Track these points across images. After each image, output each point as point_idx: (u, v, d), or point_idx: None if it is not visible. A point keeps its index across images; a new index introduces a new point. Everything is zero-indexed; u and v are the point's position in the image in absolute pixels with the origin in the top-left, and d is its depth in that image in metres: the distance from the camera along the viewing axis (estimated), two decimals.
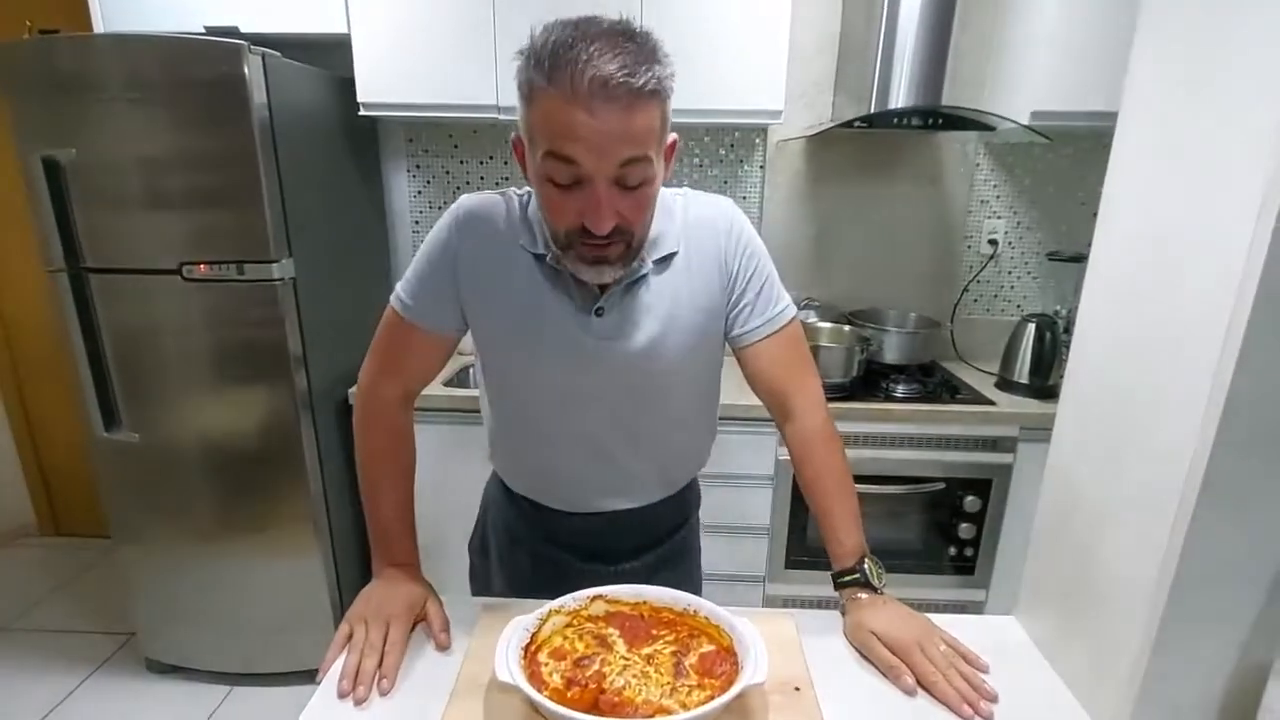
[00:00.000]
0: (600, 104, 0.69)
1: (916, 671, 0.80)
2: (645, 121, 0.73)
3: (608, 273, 0.84)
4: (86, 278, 1.71)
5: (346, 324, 2.06)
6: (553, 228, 0.82)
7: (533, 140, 0.76)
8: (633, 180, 0.76)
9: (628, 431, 0.97)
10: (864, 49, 1.97)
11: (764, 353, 0.96)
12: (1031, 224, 2.26)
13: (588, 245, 0.80)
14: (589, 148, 0.72)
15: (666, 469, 1.05)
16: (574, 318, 0.90)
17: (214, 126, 1.61)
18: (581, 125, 0.70)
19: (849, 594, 0.90)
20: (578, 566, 1.05)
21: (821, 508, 0.95)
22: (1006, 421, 1.86)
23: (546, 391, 0.95)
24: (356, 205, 2.15)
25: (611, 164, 0.73)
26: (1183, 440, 0.65)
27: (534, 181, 0.80)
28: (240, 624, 1.97)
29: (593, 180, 0.74)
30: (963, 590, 2.00)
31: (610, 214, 0.76)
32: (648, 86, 0.71)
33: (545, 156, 0.75)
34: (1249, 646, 0.68)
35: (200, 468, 1.84)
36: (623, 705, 0.69)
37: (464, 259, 0.91)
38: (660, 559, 1.09)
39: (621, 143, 0.72)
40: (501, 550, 1.13)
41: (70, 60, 1.59)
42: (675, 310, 0.92)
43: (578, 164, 0.73)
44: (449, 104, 1.91)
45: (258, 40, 1.62)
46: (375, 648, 0.82)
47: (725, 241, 0.94)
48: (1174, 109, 0.70)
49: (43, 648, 2.19)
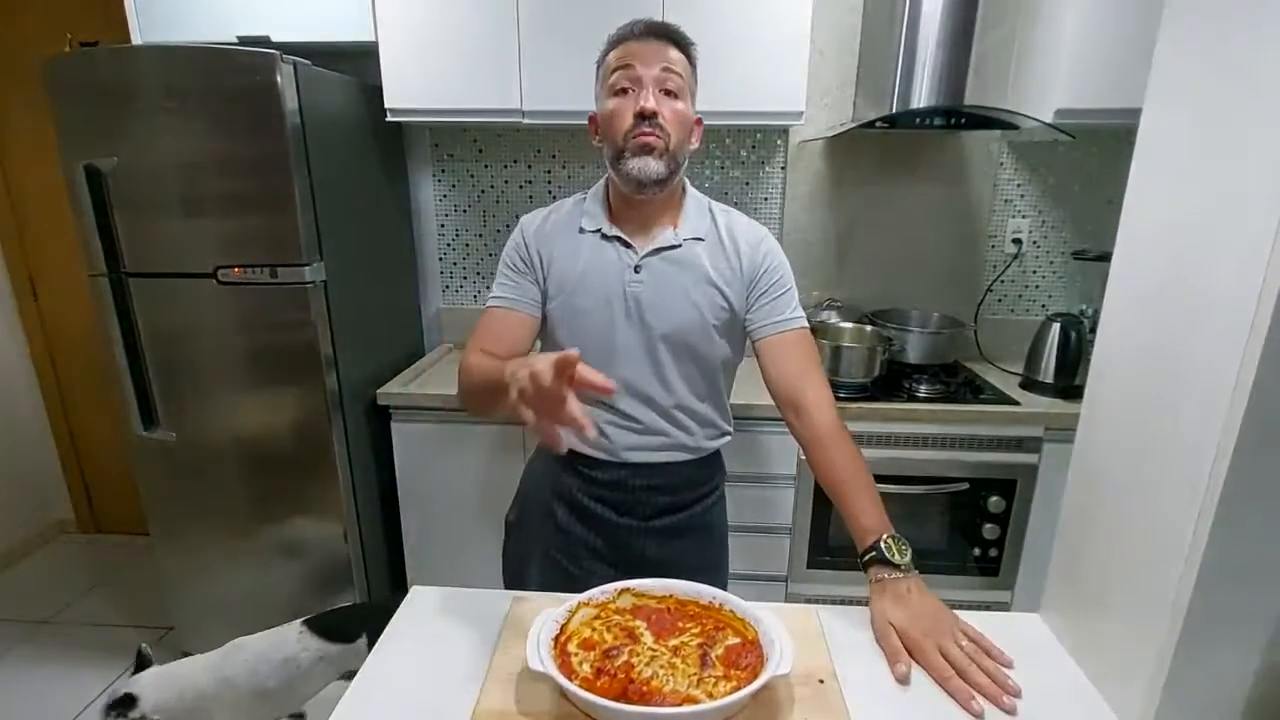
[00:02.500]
0: (647, 38, 1.05)
1: (929, 670, 0.82)
2: (677, 56, 1.06)
3: (652, 162, 1.04)
4: (126, 282, 1.76)
5: (375, 326, 2.11)
6: (614, 136, 1.06)
7: (604, 79, 1.08)
8: (670, 85, 1.05)
9: (655, 386, 1.13)
10: (885, 49, 1.97)
11: (778, 348, 1.11)
12: (1056, 223, 2.24)
13: (638, 135, 1.04)
14: (640, 58, 1.04)
15: (685, 431, 1.17)
16: (620, 274, 1.11)
17: (248, 133, 1.66)
18: (636, 47, 1.05)
19: (873, 573, 0.92)
20: (612, 520, 1.19)
21: (840, 493, 1.00)
22: (1031, 422, 1.85)
23: (594, 342, 1.11)
24: (384, 209, 2.20)
25: (655, 68, 1.04)
26: (1207, 438, 0.65)
27: (602, 109, 1.09)
28: (273, 619, 1.99)
29: (641, 81, 1.04)
30: (987, 591, 1.99)
31: (654, 100, 1.03)
32: (681, 38, 1.07)
33: (612, 72, 1.06)
34: (1274, 645, 0.68)
35: (235, 466, 1.89)
36: (651, 695, 0.71)
37: (533, 245, 1.15)
38: (684, 523, 1.21)
39: (661, 58, 1.04)
40: (543, 510, 1.24)
41: (112, 71, 1.65)
42: (696, 281, 1.11)
43: (631, 67, 1.04)
44: (474, 109, 1.94)
45: (288, 49, 1.67)
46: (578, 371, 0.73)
47: (754, 249, 1.14)
48: (1198, 105, 0.70)
49: (83, 642, 2.26)
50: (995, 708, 0.77)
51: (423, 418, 1.96)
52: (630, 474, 1.16)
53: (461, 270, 2.43)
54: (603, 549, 1.20)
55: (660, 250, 1.11)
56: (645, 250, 1.11)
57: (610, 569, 1.19)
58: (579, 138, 2.27)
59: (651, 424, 1.14)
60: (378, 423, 2.01)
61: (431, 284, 2.45)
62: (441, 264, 2.43)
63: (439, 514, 2.04)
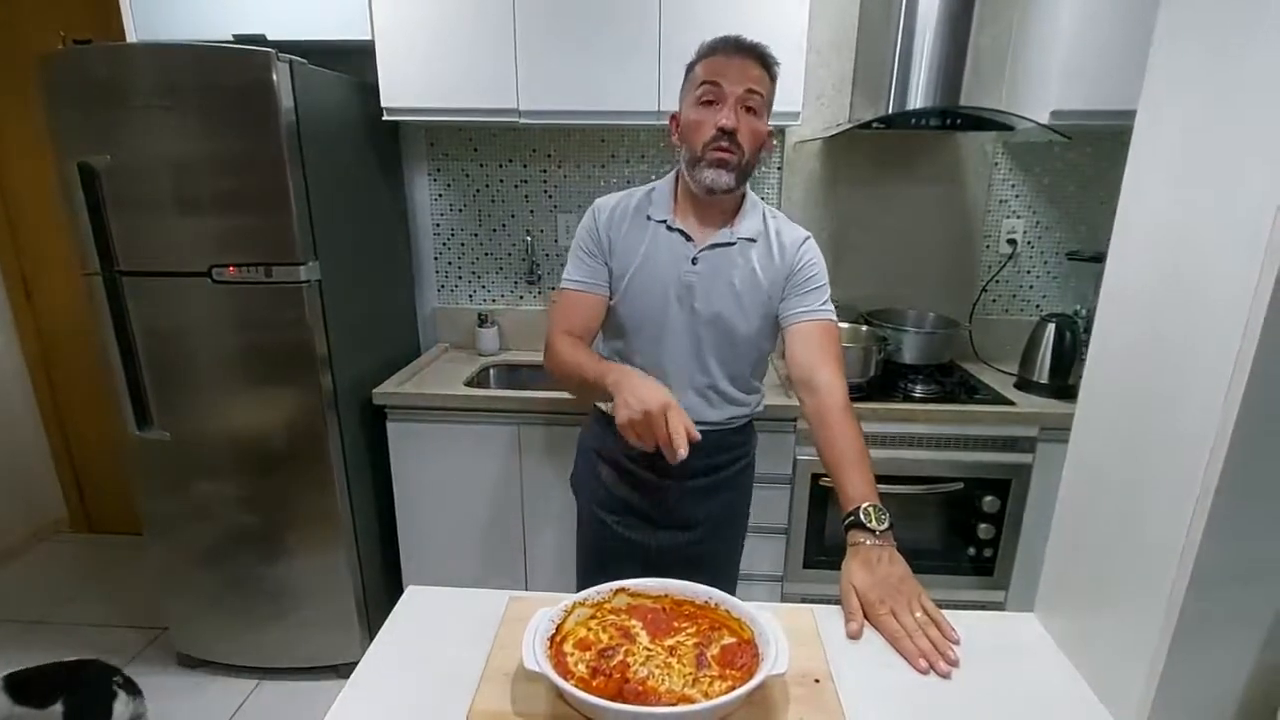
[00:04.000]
0: (736, 55, 1.14)
1: (879, 628, 0.90)
2: (762, 75, 1.15)
3: (724, 175, 1.16)
4: (120, 280, 1.75)
5: (371, 326, 2.10)
6: (694, 145, 1.17)
7: (691, 87, 1.18)
8: (751, 104, 1.14)
9: (693, 364, 1.27)
10: (882, 49, 1.97)
11: (803, 334, 1.22)
12: (1051, 223, 2.25)
13: (716, 149, 1.14)
14: (728, 76, 1.13)
15: (719, 406, 1.30)
16: (678, 263, 1.23)
17: (243, 132, 1.65)
18: (726, 62, 1.14)
19: (851, 536, 0.98)
20: (654, 482, 1.33)
21: (834, 463, 1.08)
22: (1026, 422, 1.86)
23: (651, 324, 1.26)
24: (380, 209, 2.19)
25: (740, 87, 1.13)
26: (1203, 437, 0.65)
27: (686, 117, 1.19)
28: (269, 619, 2.01)
29: (725, 98, 1.13)
30: (982, 591, 2.00)
31: (735, 116, 1.13)
32: (766, 57, 1.16)
33: (699, 85, 1.15)
34: (1269, 644, 0.68)
35: (229, 466, 1.88)
36: (646, 694, 0.71)
37: (604, 229, 1.27)
38: (719, 483, 1.36)
39: (747, 77, 1.13)
40: (591, 470, 1.40)
41: (106, 69, 1.64)
42: (746, 276, 1.23)
43: (718, 83, 1.13)
44: (470, 108, 1.94)
45: (284, 47, 1.66)
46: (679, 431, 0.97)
47: (797, 250, 1.26)
48: (1193, 106, 0.70)
49: (76, 642, 2.24)
50: (946, 676, 0.83)
51: (418, 417, 1.95)
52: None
53: (457, 270, 2.42)
54: (640, 505, 1.35)
55: (716, 246, 1.23)
56: (703, 244, 1.23)
57: (645, 523, 1.36)
58: (576, 137, 2.27)
59: (687, 398, 1.26)
60: (373, 422, 2.00)
61: (427, 283, 2.44)
62: (437, 264, 2.42)
63: (434, 513, 2.04)
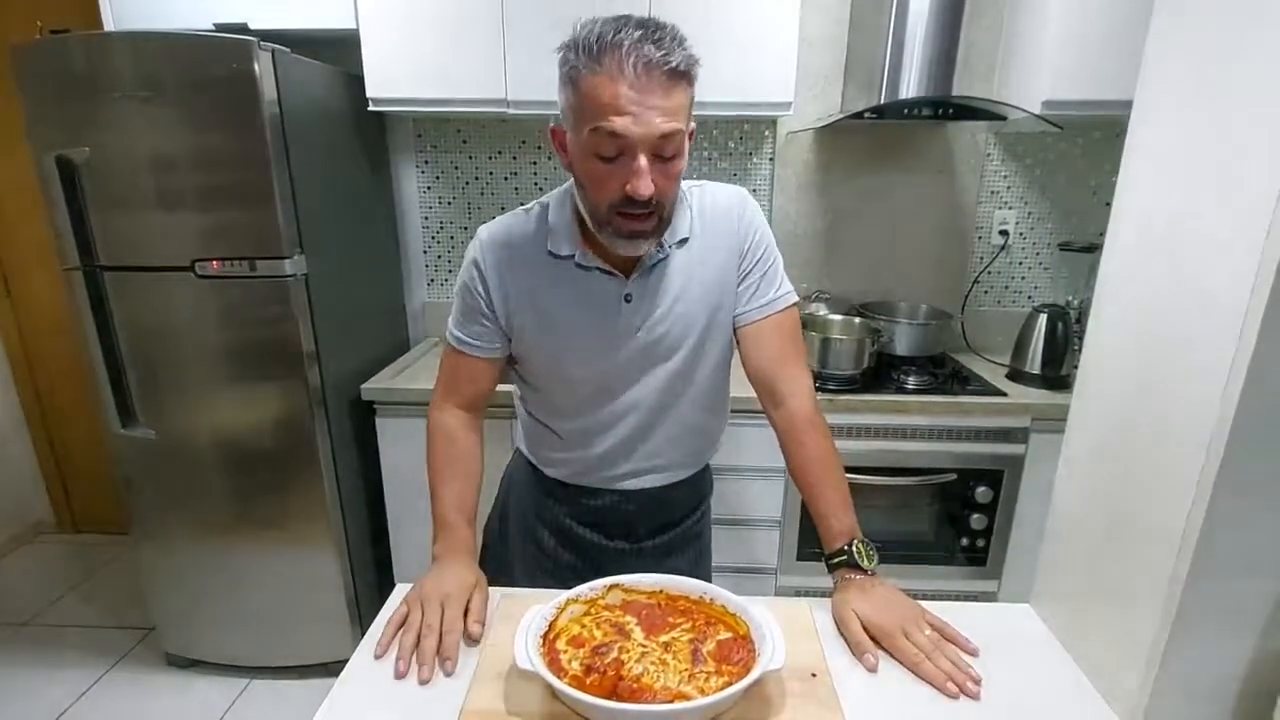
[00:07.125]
0: (644, 82, 0.79)
1: (899, 656, 0.82)
2: (680, 99, 0.83)
3: (642, 245, 0.92)
4: (101, 275, 1.72)
5: (358, 320, 2.08)
6: (594, 204, 0.89)
7: (578, 120, 0.84)
8: (669, 151, 0.84)
9: (656, 413, 1.05)
10: (874, 39, 1.96)
11: (758, 336, 1.03)
12: (1043, 214, 2.25)
13: (625, 217, 0.87)
14: (634, 120, 0.80)
15: (689, 449, 1.12)
16: (606, 307, 0.99)
17: (225, 123, 1.62)
18: (628, 101, 0.79)
19: (840, 575, 0.92)
20: (600, 544, 1.14)
21: (812, 492, 0.98)
22: (1018, 413, 1.86)
23: (584, 383, 1.04)
24: (366, 201, 2.16)
25: (653, 135, 0.81)
26: (1199, 426, 0.65)
27: (577, 160, 0.88)
28: (258, 618, 1.99)
29: (635, 150, 0.82)
30: (974, 581, 2.00)
31: (650, 180, 0.83)
32: (681, 67, 0.81)
33: (592, 132, 0.82)
34: (1266, 634, 0.68)
35: (216, 464, 1.86)
36: (641, 692, 0.70)
37: (493, 281, 1.00)
38: (677, 539, 1.18)
39: (661, 116, 0.81)
40: (526, 530, 1.18)
41: (83, 60, 1.60)
42: (693, 290, 1.00)
43: (623, 136, 0.81)
44: (458, 99, 1.91)
45: (267, 36, 1.63)
46: (434, 628, 0.83)
47: (739, 226, 1.02)
48: (1189, 96, 0.69)
49: (63, 643, 2.22)
50: (975, 697, 0.78)
51: (408, 412, 1.93)
52: (623, 499, 1.11)
53: (446, 264, 2.40)
54: (588, 573, 1.04)
55: (649, 269, 0.98)
56: (634, 275, 0.98)
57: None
58: None
59: (656, 450, 1.08)
60: (362, 418, 1.98)
61: (416, 277, 2.42)
62: (426, 257, 2.40)
63: (425, 510, 1.99)
